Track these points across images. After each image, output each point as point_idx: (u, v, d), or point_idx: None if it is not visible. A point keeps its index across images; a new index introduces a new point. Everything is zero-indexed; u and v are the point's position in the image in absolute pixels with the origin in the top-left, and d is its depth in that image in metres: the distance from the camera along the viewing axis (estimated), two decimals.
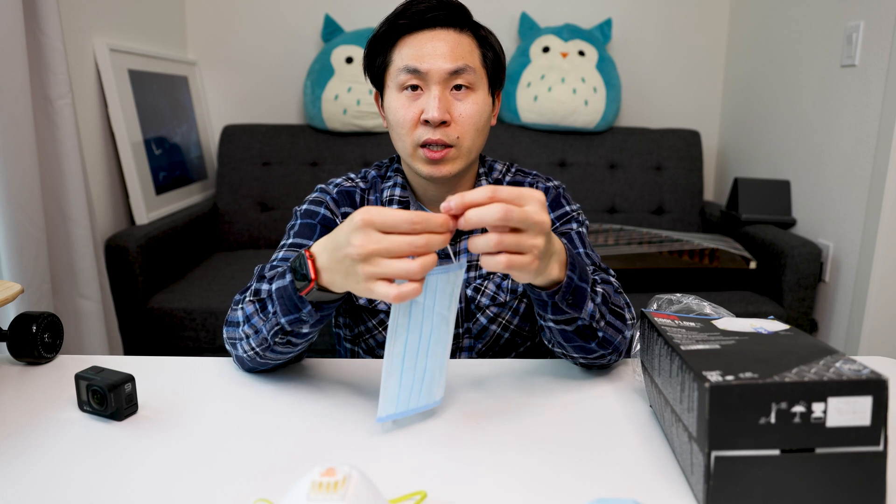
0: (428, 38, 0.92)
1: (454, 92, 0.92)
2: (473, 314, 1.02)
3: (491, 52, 0.97)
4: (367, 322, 1.02)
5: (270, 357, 0.82)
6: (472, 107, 0.92)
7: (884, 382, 0.54)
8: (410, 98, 0.92)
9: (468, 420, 0.75)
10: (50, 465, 0.66)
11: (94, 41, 1.94)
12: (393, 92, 0.94)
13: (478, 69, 0.94)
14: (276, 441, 0.71)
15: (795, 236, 1.99)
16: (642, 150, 2.46)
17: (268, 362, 0.84)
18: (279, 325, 0.76)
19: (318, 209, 0.99)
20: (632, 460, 0.67)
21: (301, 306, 0.73)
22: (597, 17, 2.57)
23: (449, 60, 0.91)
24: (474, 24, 0.96)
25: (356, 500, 0.49)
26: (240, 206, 2.39)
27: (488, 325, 1.02)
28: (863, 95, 1.84)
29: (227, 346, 0.89)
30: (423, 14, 0.92)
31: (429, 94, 0.91)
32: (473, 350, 1.03)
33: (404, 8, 0.93)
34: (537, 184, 1.06)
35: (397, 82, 0.93)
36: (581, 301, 0.78)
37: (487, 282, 1.02)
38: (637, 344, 0.82)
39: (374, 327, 1.02)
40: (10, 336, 0.89)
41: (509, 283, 1.02)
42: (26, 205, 1.42)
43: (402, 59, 0.92)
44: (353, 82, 2.38)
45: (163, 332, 1.85)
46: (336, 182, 1.03)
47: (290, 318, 0.75)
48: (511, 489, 0.62)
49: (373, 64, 0.97)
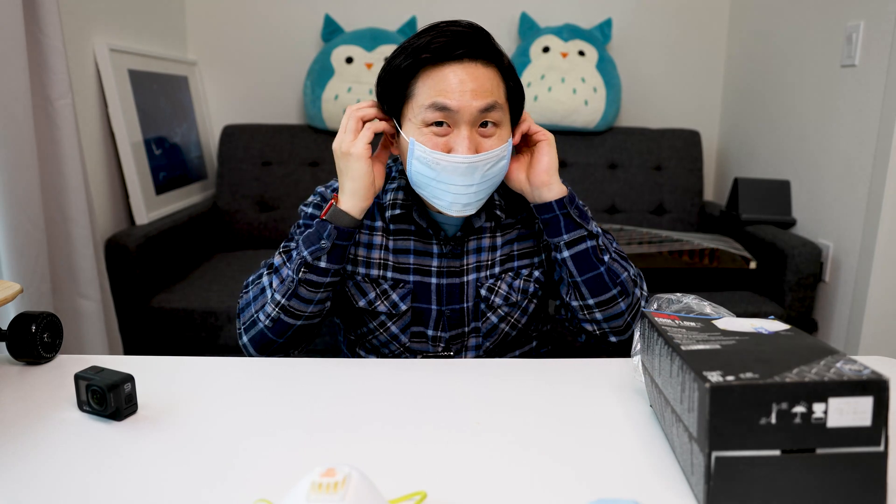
0: (453, 70, 0.87)
1: (480, 129, 0.90)
2: (484, 313, 1.03)
3: (513, 82, 0.93)
4: (368, 324, 1.03)
5: (295, 307, 0.93)
6: (498, 143, 0.90)
7: (884, 383, 0.54)
8: (437, 135, 0.89)
9: (468, 420, 0.75)
10: (49, 465, 0.66)
11: (94, 41, 1.94)
12: (414, 127, 0.90)
13: (503, 104, 0.91)
14: (276, 441, 0.71)
15: (795, 236, 1.99)
16: (642, 150, 2.46)
17: (292, 318, 0.94)
18: (302, 259, 0.91)
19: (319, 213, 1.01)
20: (632, 460, 0.67)
21: (321, 233, 0.90)
22: (597, 17, 2.57)
23: (479, 97, 0.87)
24: (499, 55, 0.92)
25: (356, 500, 0.49)
26: (240, 206, 2.39)
27: (498, 324, 1.04)
28: (863, 95, 1.84)
29: (244, 333, 0.98)
30: (451, 50, 0.87)
31: (459, 133, 0.88)
32: (481, 348, 1.04)
33: (428, 41, 0.87)
34: None
35: (421, 119, 0.88)
36: (585, 218, 0.98)
37: (500, 282, 1.03)
38: (637, 344, 0.82)
39: (375, 328, 1.02)
40: (9, 336, 0.88)
41: (520, 283, 1.04)
42: (26, 205, 1.42)
43: (426, 95, 0.88)
44: (353, 82, 2.38)
45: (163, 332, 1.85)
46: (335, 186, 1.03)
47: (311, 249, 0.91)
48: (511, 489, 0.62)
49: (388, 94, 0.92)
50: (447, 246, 1.00)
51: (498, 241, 1.03)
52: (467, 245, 1.02)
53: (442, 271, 1.01)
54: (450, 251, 1.01)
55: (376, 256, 1.01)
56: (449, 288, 1.01)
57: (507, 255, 1.04)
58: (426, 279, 1.01)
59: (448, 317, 1.02)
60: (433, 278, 1.01)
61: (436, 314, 1.01)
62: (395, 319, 1.01)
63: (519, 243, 1.05)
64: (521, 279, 1.04)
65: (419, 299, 1.01)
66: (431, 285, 1.01)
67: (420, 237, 1.01)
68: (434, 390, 0.84)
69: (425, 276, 1.01)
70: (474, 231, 1.02)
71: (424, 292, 1.01)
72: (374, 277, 1.01)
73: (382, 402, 0.80)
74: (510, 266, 1.04)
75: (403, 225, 1.01)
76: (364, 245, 1.02)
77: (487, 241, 1.03)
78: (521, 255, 1.05)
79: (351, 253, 1.01)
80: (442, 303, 1.01)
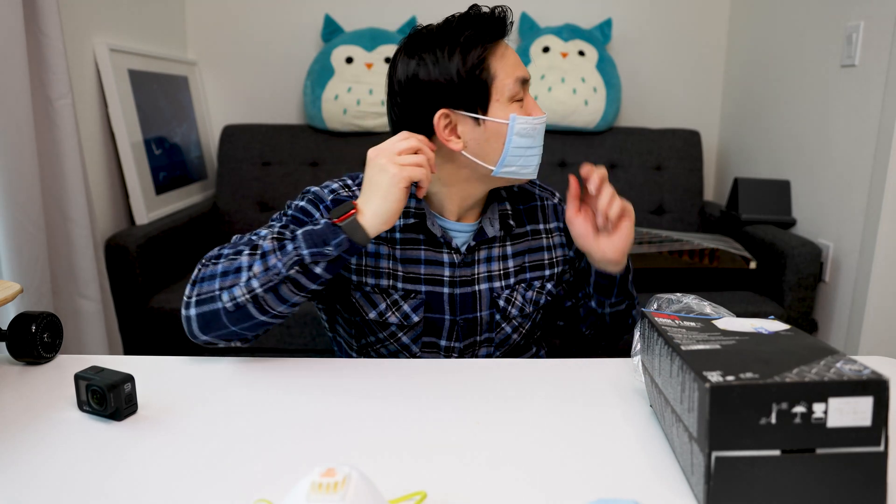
0: (504, 46, 0.94)
1: None
2: (499, 324, 1.02)
3: None
4: (377, 334, 1.01)
5: (268, 301, 0.85)
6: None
7: (884, 383, 0.54)
8: (521, 105, 0.93)
9: (468, 420, 0.75)
10: (49, 465, 0.66)
11: (94, 41, 1.94)
12: (502, 106, 0.92)
13: None
14: (276, 441, 0.71)
15: (795, 236, 1.99)
16: (642, 150, 2.46)
17: (259, 311, 0.85)
18: (299, 258, 0.83)
19: (315, 211, 0.96)
20: (632, 460, 0.67)
21: (329, 239, 0.83)
22: (597, 17, 2.57)
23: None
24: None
25: (356, 500, 0.49)
26: (240, 206, 2.39)
27: (511, 334, 1.04)
28: (863, 95, 1.84)
29: (193, 305, 0.87)
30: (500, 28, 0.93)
31: (527, 98, 0.95)
32: (491, 357, 1.04)
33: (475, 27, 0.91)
34: (545, 198, 1.10)
35: (508, 95, 0.92)
36: (633, 286, 1.05)
37: (516, 293, 1.03)
38: (637, 344, 0.82)
39: (385, 339, 1.00)
40: (9, 336, 0.88)
41: (532, 294, 1.05)
42: (26, 205, 1.42)
43: (506, 73, 0.92)
44: (354, 82, 2.38)
45: (163, 332, 1.85)
46: (332, 188, 0.98)
47: (312, 251, 0.83)
48: (511, 489, 0.62)
49: (470, 89, 0.91)
50: (458, 255, 0.99)
51: (508, 250, 1.03)
52: (478, 254, 1.01)
53: (455, 281, 0.99)
54: (461, 260, 1.00)
55: (385, 266, 0.98)
56: (462, 298, 1.00)
57: (519, 267, 1.04)
58: (438, 289, 0.99)
59: (461, 326, 1.01)
60: (446, 288, 0.99)
61: (449, 324, 1.00)
62: (407, 330, 0.99)
63: (530, 255, 1.05)
64: (533, 290, 1.05)
65: (432, 309, 0.99)
66: (444, 295, 0.99)
67: (431, 246, 0.99)
68: (434, 390, 0.84)
69: (437, 285, 0.99)
70: (488, 240, 1.01)
71: (437, 302, 0.99)
72: (384, 288, 0.98)
73: (382, 402, 0.80)
74: (523, 277, 1.04)
75: (412, 234, 0.98)
76: (370, 255, 0.98)
77: (497, 250, 1.02)
78: (533, 266, 1.05)
79: (353, 263, 0.98)
80: (456, 313, 1.00)
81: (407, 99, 0.93)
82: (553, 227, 1.08)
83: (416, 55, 0.91)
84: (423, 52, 0.91)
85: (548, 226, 1.08)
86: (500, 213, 1.02)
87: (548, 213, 1.09)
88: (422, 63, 0.91)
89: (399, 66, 0.93)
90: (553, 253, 1.07)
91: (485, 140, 0.93)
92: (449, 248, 0.99)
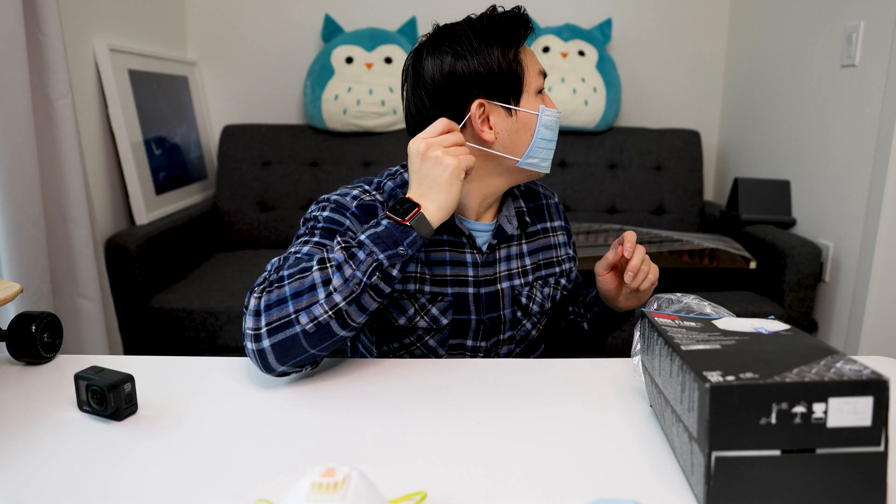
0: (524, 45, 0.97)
1: None
2: (520, 321, 1.03)
3: None
4: (403, 339, 1.00)
5: (352, 314, 0.81)
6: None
7: (884, 383, 0.54)
8: (542, 100, 0.96)
9: (468, 420, 0.75)
10: (49, 465, 0.66)
11: (94, 41, 1.94)
12: (530, 98, 0.95)
13: None
14: (276, 441, 0.71)
15: (795, 236, 1.99)
16: (642, 150, 2.46)
17: (342, 326, 0.81)
18: (377, 262, 0.80)
19: (343, 219, 0.92)
20: (632, 460, 0.67)
21: (401, 239, 0.81)
22: (597, 17, 2.57)
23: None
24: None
25: (356, 500, 0.49)
26: (240, 206, 2.39)
27: (531, 331, 1.06)
28: (863, 95, 1.84)
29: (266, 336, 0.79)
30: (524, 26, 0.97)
31: (545, 94, 0.97)
32: (511, 355, 1.06)
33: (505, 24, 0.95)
34: (549, 197, 1.12)
35: (535, 88, 0.95)
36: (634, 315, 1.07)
37: (535, 290, 1.04)
38: (637, 344, 0.82)
39: (411, 343, 1.00)
40: (9, 336, 0.88)
41: (549, 290, 1.06)
42: (26, 205, 1.42)
43: (532, 66, 0.95)
44: (354, 82, 2.38)
45: (163, 332, 1.85)
46: (353, 194, 0.95)
47: (388, 254, 0.81)
48: (511, 489, 0.62)
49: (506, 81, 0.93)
50: (481, 255, 0.99)
51: (524, 248, 1.04)
52: (499, 252, 1.02)
53: (479, 280, 0.99)
54: (484, 260, 1.00)
55: (412, 270, 0.96)
56: (487, 297, 1.00)
57: (536, 264, 1.05)
58: (464, 290, 0.99)
59: (487, 325, 1.01)
60: (471, 288, 0.99)
61: (475, 324, 1.00)
62: (434, 334, 0.99)
63: (544, 252, 1.06)
64: (549, 287, 1.06)
65: (459, 311, 0.99)
66: (469, 295, 0.99)
67: (454, 247, 0.99)
68: (434, 390, 0.84)
69: (463, 286, 0.99)
70: (506, 238, 1.02)
71: (464, 303, 0.99)
72: (412, 292, 0.96)
73: (382, 401, 0.80)
74: (540, 274, 1.05)
75: (436, 236, 0.97)
76: None
77: (515, 248, 1.03)
78: (546, 263, 1.06)
79: None
80: (481, 312, 1.00)
81: (441, 91, 0.93)
82: (558, 225, 1.10)
83: (448, 49, 0.92)
84: (456, 45, 0.92)
85: (553, 224, 1.09)
86: (517, 210, 1.04)
87: (552, 211, 1.10)
88: (458, 55, 0.91)
89: (429, 61, 0.93)
90: (560, 251, 1.09)
91: (515, 131, 0.94)
92: (472, 248, 0.99)
